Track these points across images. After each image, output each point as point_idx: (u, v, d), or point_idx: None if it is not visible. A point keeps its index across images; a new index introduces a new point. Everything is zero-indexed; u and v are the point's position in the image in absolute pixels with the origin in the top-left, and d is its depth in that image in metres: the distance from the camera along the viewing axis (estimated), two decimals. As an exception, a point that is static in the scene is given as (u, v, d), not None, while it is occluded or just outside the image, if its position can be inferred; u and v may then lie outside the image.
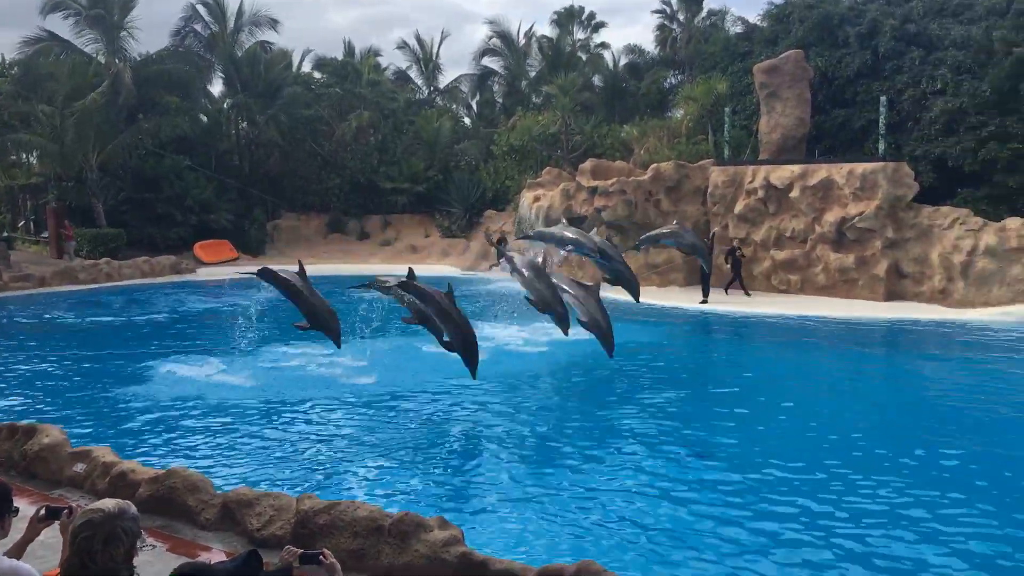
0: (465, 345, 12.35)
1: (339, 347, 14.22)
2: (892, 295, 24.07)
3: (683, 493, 9.38)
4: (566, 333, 13.80)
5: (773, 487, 9.48)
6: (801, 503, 8.98)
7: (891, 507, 8.83)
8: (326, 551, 4.11)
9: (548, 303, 13.53)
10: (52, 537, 4.64)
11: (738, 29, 37.09)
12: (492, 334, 18.34)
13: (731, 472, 10.02)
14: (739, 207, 26.78)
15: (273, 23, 42.78)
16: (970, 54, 26.39)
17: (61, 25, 37.81)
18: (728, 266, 25.41)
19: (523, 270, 13.93)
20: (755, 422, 12.33)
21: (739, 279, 25.31)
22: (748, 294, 25.06)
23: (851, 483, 9.55)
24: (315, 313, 13.72)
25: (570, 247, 15.60)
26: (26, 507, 5.41)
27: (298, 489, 8.74)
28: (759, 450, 10.97)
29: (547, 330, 16.58)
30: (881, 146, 25.90)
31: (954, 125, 26.25)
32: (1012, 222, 22.74)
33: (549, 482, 9.77)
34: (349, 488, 9.57)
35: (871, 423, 12.37)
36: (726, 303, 23.87)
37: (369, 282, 15.08)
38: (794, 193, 25.46)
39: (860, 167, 24.52)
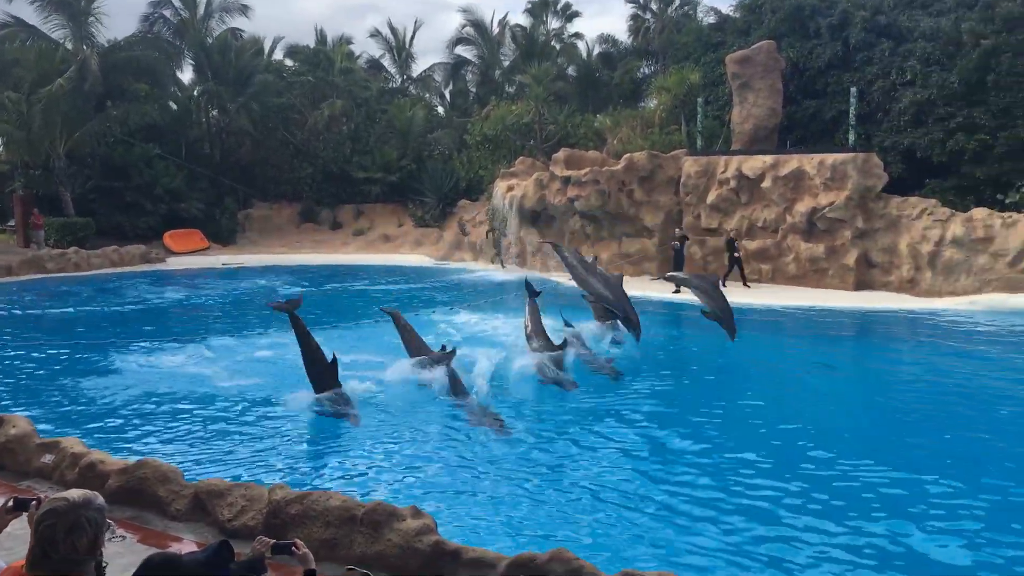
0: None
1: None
2: (861, 285, 24.33)
3: (658, 477, 9.46)
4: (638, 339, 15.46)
5: (736, 468, 9.59)
6: (763, 490, 9.09)
7: (863, 485, 8.98)
8: (298, 541, 4.10)
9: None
10: (20, 528, 4.59)
11: (711, 20, 37.22)
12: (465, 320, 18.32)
13: (701, 463, 10.12)
14: (711, 197, 26.92)
15: (244, 9, 42.41)
16: (939, 46, 26.67)
17: (27, 10, 37.27)
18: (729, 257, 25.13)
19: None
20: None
21: (739, 269, 24.97)
22: (747, 285, 24.69)
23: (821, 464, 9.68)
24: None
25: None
26: (-7, 499, 5.36)
27: (270, 480, 8.71)
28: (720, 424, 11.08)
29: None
30: (851, 137, 26.14)
31: (923, 116, 26.53)
32: (979, 212, 23.06)
33: (523, 472, 9.80)
34: (321, 478, 9.55)
35: (840, 417, 12.53)
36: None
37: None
38: (766, 183, 25.64)
39: (831, 158, 24.74)
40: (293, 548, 4.04)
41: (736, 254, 24.99)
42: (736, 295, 23.24)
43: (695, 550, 7.68)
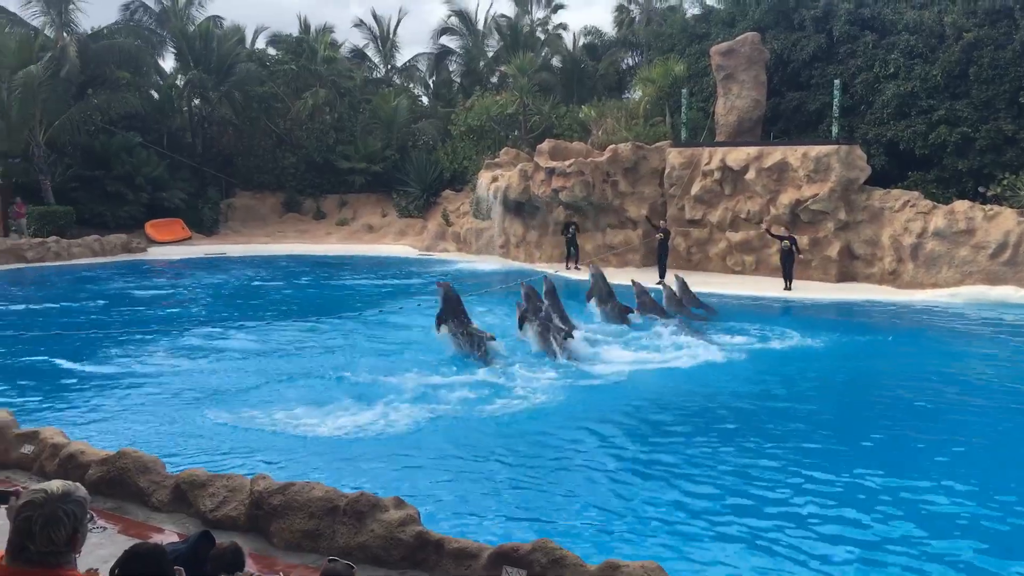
0: None
1: None
2: (844, 276, 24.45)
3: (643, 472, 9.49)
4: None
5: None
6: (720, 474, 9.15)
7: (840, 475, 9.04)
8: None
9: None
10: (1, 520, 4.55)
11: (696, 11, 37.21)
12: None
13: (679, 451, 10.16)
14: (696, 188, 26.96)
15: None
16: (922, 38, 26.77)
17: (7, -3, 36.83)
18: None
19: None
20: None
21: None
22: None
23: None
24: None
25: None
26: (-29, 490, 5.30)
27: (252, 470, 8.66)
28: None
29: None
30: (835, 129, 26.22)
31: (905, 109, 26.64)
32: (960, 205, 23.20)
33: (508, 462, 9.81)
34: (304, 469, 9.51)
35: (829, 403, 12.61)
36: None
37: None
38: (750, 175, 25.70)
39: (814, 150, 24.81)
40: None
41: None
42: (712, 285, 23.45)
43: (682, 540, 7.72)
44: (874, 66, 27.58)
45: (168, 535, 6.75)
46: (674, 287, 20.13)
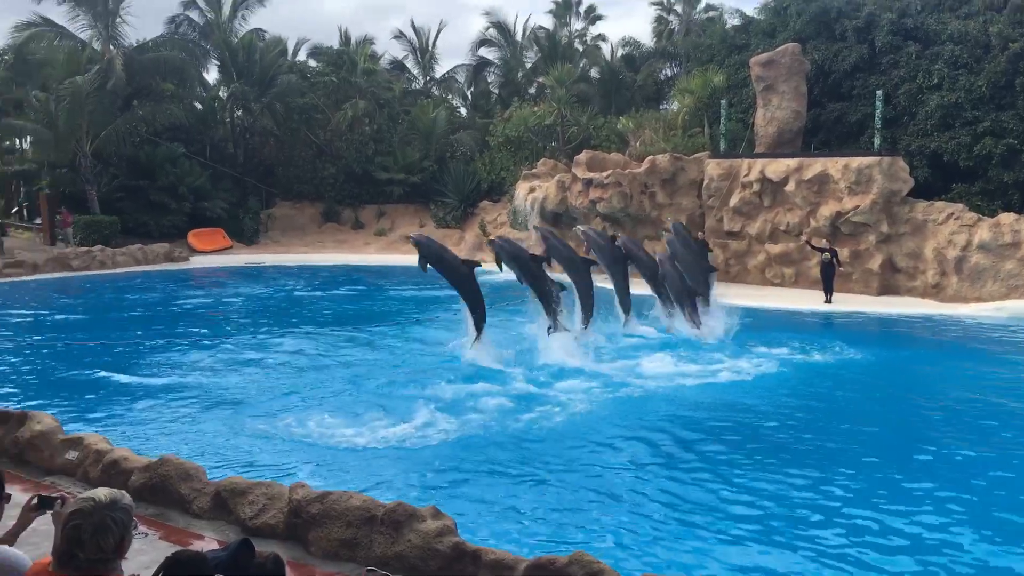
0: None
1: None
2: (886, 289, 24.11)
3: (679, 480, 9.42)
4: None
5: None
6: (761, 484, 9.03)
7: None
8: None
9: None
10: (45, 524, 4.63)
11: (735, 21, 37.03)
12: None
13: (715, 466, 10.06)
14: (734, 200, 26.76)
15: (260, 0, 42.47)
16: (967, 49, 26.38)
17: (56, 11, 37.67)
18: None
19: None
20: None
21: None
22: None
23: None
24: None
25: None
26: (18, 495, 5.41)
27: (291, 478, 8.73)
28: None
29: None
30: (877, 140, 25.91)
31: (950, 120, 26.26)
32: (1006, 217, 22.79)
33: (544, 473, 9.79)
34: (342, 478, 9.56)
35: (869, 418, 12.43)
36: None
37: None
38: (789, 187, 25.46)
39: (855, 161, 24.53)
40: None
41: (826, 258, 23.23)
42: (753, 299, 23.21)
43: (721, 556, 7.64)
44: (917, 77, 27.23)
45: (208, 542, 6.82)
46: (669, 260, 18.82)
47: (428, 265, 15.22)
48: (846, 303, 22.60)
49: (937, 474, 9.81)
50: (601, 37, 45.71)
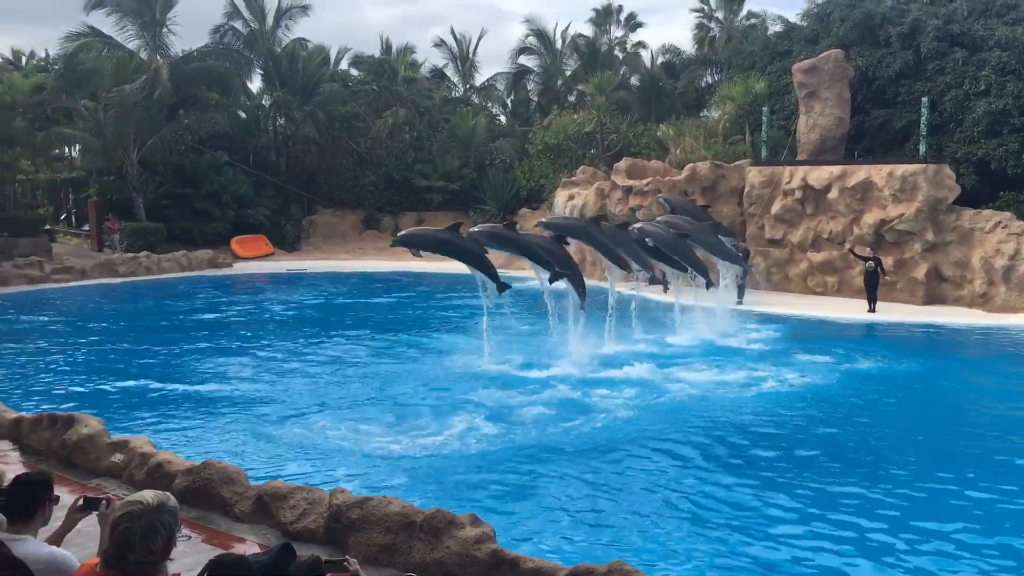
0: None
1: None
2: (931, 299, 23.69)
3: (723, 488, 9.33)
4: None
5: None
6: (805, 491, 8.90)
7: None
8: (350, 558, 4.19)
9: None
10: (91, 525, 4.70)
11: (778, 28, 36.70)
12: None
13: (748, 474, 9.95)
14: (776, 208, 26.50)
15: (304, 9, 42.82)
16: (1015, 55, 25.89)
17: (104, 22, 38.46)
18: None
19: None
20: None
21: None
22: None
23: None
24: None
25: None
26: (65, 496, 5.51)
27: (331, 483, 8.79)
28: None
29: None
30: (922, 147, 25.50)
31: (997, 127, 25.77)
32: (1056, 226, 22.31)
33: (583, 481, 9.75)
34: (381, 484, 9.61)
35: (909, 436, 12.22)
36: (769, 304, 23.58)
37: None
38: (832, 194, 25.15)
39: (900, 168, 24.16)
40: (345, 564, 4.11)
41: (870, 266, 22.68)
42: (795, 307, 22.95)
43: (762, 567, 7.55)
44: (964, 83, 26.76)
45: (250, 545, 6.89)
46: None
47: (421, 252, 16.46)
48: (890, 312, 22.26)
49: (985, 484, 9.62)
50: (641, 44, 45.71)
